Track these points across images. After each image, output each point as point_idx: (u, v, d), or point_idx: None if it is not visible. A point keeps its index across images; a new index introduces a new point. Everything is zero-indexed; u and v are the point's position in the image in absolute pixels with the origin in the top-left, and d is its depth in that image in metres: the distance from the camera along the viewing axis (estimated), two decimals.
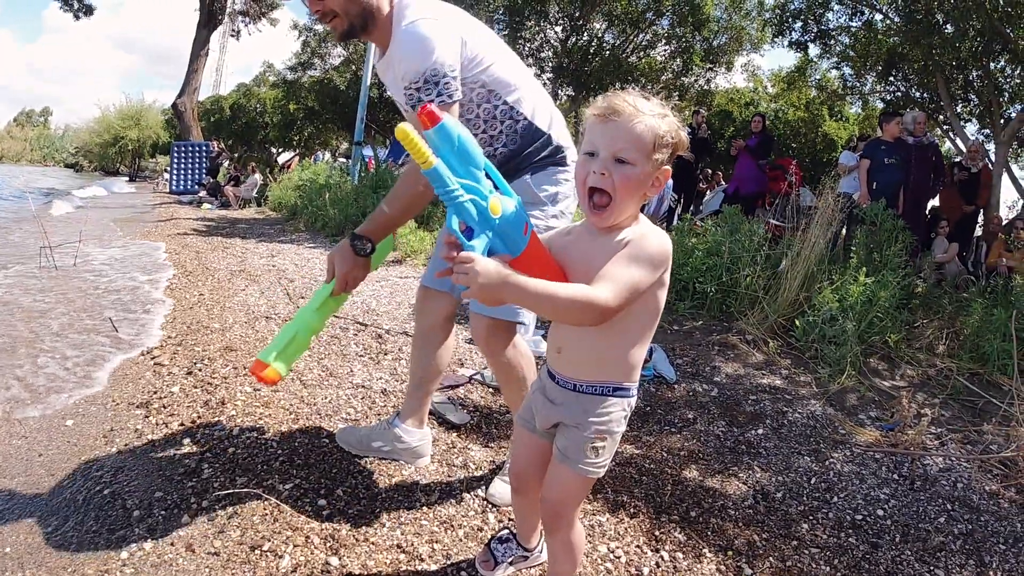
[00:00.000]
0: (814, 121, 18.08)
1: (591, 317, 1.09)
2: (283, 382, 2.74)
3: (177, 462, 2.01)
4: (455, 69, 1.63)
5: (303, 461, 2.06)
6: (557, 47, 16.40)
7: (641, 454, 2.35)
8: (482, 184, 1.05)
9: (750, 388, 3.07)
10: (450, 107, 1.64)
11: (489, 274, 1.01)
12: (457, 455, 2.18)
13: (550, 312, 1.15)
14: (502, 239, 1.08)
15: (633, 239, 1.15)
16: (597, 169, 1.13)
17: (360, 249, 1.76)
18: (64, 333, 3.35)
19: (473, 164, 1.04)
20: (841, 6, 10.53)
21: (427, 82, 1.60)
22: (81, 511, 1.73)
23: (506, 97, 1.77)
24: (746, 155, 8.12)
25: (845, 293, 3.63)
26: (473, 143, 1.03)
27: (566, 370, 1.27)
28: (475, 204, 1.03)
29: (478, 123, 1.79)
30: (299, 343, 1.67)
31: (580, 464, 1.25)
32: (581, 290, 1.09)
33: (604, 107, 1.13)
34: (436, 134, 1.00)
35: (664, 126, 1.12)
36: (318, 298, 1.75)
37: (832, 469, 2.37)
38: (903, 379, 3.40)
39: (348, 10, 1.69)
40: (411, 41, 1.62)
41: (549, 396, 1.31)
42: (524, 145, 1.81)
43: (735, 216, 4.77)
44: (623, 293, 1.09)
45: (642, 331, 1.22)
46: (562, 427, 1.29)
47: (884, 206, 4.79)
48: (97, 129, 36.85)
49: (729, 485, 2.18)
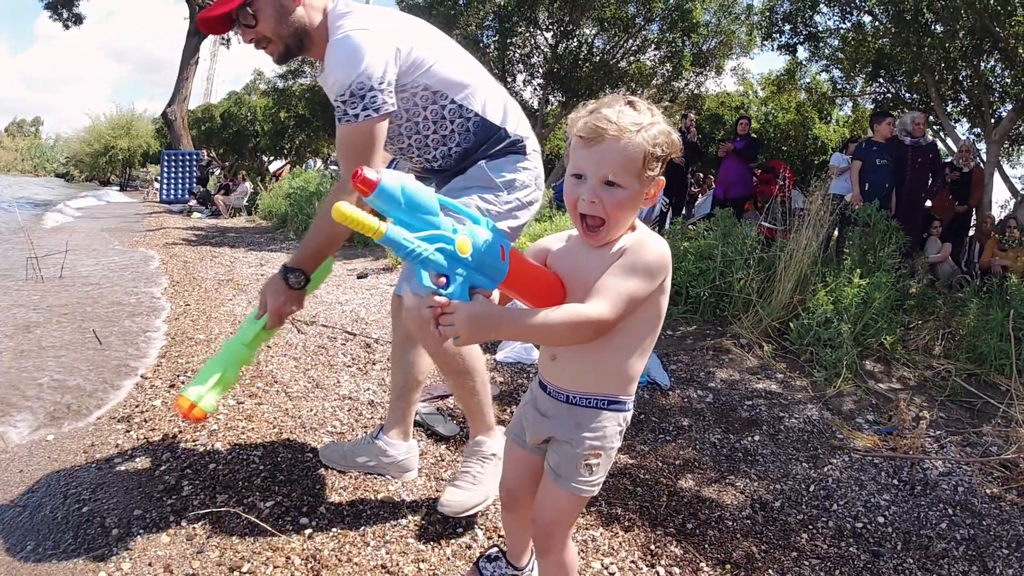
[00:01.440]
0: (804, 124, 18.15)
1: (588, 335, 1.05)
2: (267, 394, 2.69)
3: (157, 479, 1.96)
4: (384, 81, 1.58)
5: (286, 477, 1.99)
6: (547, 53, 16.40)
7: (635, 464, 2.28)
8: (444, 226, 0.98)
9: (745, 393, 3.02)
10: (379, 120, 1.60)
11: (474, 317, 0.97)
12: (446, 468, 2.12)
13: (547, 339, 1.10)
14: (481, 272, 1.02)
15: (629, 247, 1.10)
16: (587, 196, 1.07)
17: (294, 283, 1.70)
18: (47, 345, 3.27)
19: (427, 212, 0.97)
20: (830, 8, 10.55)
21: (353, 95, 1.56)
22: (60, 528, 1.69)
23: (453, 96, 1.73)
24: (733, 158, 8.03)
25: (840, 295, 3.59)
26: (421, 190, 0.96)
27: (559, 380, 1.20)
28: (442, 252, 0.97)
29: (427, 125, 1.75)
30: (227, 379, 1.64)
31: (573, 483, 1.18)
32: (574, 311, 1.04)
33: (586, 130, 1.07)
34: (378, 198, 0.93)
35: (653, 138, 1.06)
36: (248, 331, 1.69)
37: (830, 475, 2.31)
38: (900, 381, 3.35)
39: (280, 33, 1.67)
40: (338, 53, 1.59)
41: (540, 408, 1.24)
42: (479, 141, 1.77)
43: (727, 219, 4.74)
44: (619, 306, 1.05)
45: (642, 340, 1.16)
46: (554, 442, 1.22)
47: (877, 207, 4.76)
48: (87, 139, 36.72)
49: (726, 495, 2.12)
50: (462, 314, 0.96)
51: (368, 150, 1.61)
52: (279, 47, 1.70)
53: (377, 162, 1.63)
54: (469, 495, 1.75)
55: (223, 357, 1.66)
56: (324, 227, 1.70)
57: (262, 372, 2.95)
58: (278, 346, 3.38)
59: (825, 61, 11.88)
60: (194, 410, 1.56)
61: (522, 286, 1.11)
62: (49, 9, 19.34)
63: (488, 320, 0.98)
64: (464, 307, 0.97)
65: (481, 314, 0.98)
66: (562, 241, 1.22)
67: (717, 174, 8.98)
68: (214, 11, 1.66)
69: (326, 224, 1.69)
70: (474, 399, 1.84)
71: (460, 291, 0.99)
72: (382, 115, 1.60)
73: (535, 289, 1.13)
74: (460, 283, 0.99)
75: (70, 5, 19.36)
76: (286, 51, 1.72)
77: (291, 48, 1.71)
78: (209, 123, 23.59)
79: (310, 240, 1.73)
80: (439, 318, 0.98)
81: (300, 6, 1.67)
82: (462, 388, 1.82)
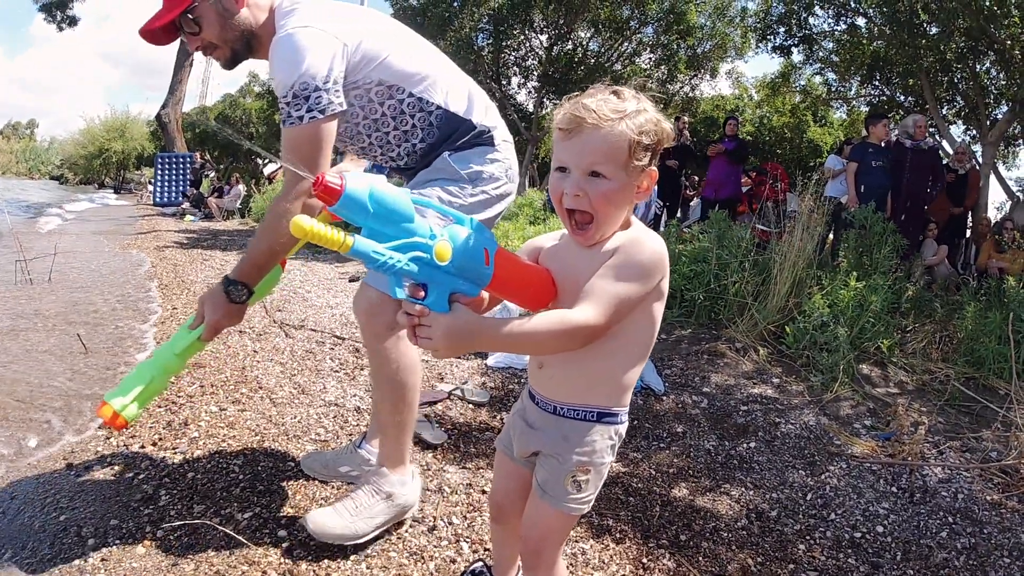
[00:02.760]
0: (799, 127, 18.18)
1: (576, 342, 0.99)
2: (251, 400, 2.62)
3: (135, 487, 1.91)
4: (330, 80, 1.50)
5: (265, 487, 1.93)
6: (542, 55, 16.38)
7: (628, 472, 2.22)
8: (421, 230, 0.91)
9: (741, 398, 2.96)
10: (325, 122, 1.51)
11: (452, 329, 0.91)
12: (431, 478, 2.05)
13: (532, 349, 1.04)
14: (462, 278, 0.96)
15: (622, 246, 1.03)
16: (570, 190, 1.01)
17: (235, 297, 1.61)
18: (31, 349, 3.20)
19: (400, 218, 0.89)
20: (824, 10, 10.55)
21: (296, 96, 1.48)
22: (38, 537, 1.65)
23: (411, 89, 1.64)
24: (723, 159, 7.85)
25: (836, 298, 3.53)
26: (392, 194, 0.88)
27: (546, 390, 1.13)
28: (417, 261, 0.90)
29: (386, 121, 1.67)
30: (155, 387, 1.59)
31: (560, 500, 1.11)
32: (560, 317, 0.97)
33: (565, 120, 1.01)
34: (344, 207, 0.85)
35: (639, 125, 0.99)
36: (181, 340, 1.62)
37: (828, 483, 2.26)
38: (897, 386, 3.30)
39: (226, 37, 1.61)
40: (280, 53, 1.52)
41: (528, 419, 1.17)
42: (443, 135, 1.69)
43: (721, 222, 4.69)
44: (609, 310, 0.98)
45: (636, 350, 1.09)
46: (541, 456, 1.14)
47: (873, 209, 4.71)
48: (82, 141, 36.63)
49: (721, 504, 2.06)
50: (439, 325, 0.91)
51: (315, 153, 1.52)
52: (226, 52, 1.64)
53: (325, 165, 1.55)
54: (342, 525, 1.60)
55: (153, 364, 1.59)
56: (266, 238, 1.59)
57: (247, 377, 2.89)
58: (264, 351, 3.31)
59: (819, 64, 11.89)
60: (117, 419, 1.52)
61: (510, 287, 1.04)
62: (44, 11, 19.28)
63: (466, 332, 0.92)
64: (441, 318, 0.91)
65: (459, 326, 0.92)
66: (555, 240, 1.16)
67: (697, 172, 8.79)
68: (156, 22, 1.59)
69: (268, 234, 1.59)
70: (395, 419, 1.67)
71: (438, 300, 0.93)
72: (328, 116, 1.52)
73: (524, 290, 1.07)
74: (438, 292, 0.93)
75: (64, 7, 19.29)
76: (234, 56, 1.65)
77: (239, 52, 1.65)
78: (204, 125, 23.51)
79: (251, 252, 1.61)
80: (415, 328, 0.92)
81: (244, 7, 1.60)
82: (386, 401, 1.67)
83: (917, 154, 6.05)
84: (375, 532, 1.65)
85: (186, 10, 1.56)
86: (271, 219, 1.58)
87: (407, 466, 1.73)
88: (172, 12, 1.57)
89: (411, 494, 1.72)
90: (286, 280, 5.48)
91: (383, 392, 1.68)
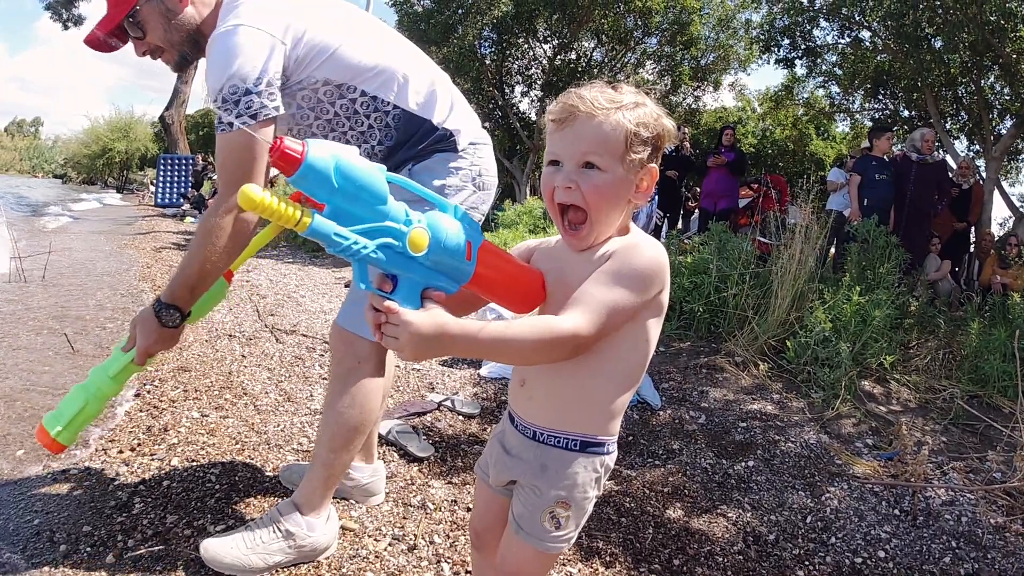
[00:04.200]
0: (802, 140, 18.14)
1: (563, 352, 0.89)
2: (235, 406, 2.55)
3: (110, 494, 1.86)
4: (262, 81, 1.37)
5: (241, 499, 1.85)
6: (545, 65, 16.39)
7: (620, 491, 2.14)
8: (395, 214, 0.81)
9: (740, 415, 2.88)
10: (259, 128, 1.39)
11: (422, 329, 0.80)
12: (415, 493, 1.97)
13: (512, 357, 0.93)
14: (439, 272, 0.86)
15: (618, 251, 0.95)
16: (561, 182, 0.93)
17: (167, 321, 1.48)
18: (19, 347, 3.14)
19: (372, 197, 0.78)
20: (829, 23, 10.52)
21: (226, 101, 1.36)
22: (11, 540, 1.62)
23: (363, 87, 1.51)
24: (722, 170, 7.69)
25: (838, 312, 3.46)
26: (363, 168, 0.76)
27: (526, 411, 1.02)
28: (386, 249, 0.80)
29: (340, 122, 1.55)
30: (90, 412, 1.51)
31: (537, 538, 1.00)
32: (544, 324, 0.88)
33: (558, 110, 0.94)
34: (304, 179, 0.73)
35: (637, 117, 0.92)
36: (115, 363, 1.54)
37: (828, 505, 2.18)
38: (900, 403, 3.22)
39: (171, 40, 1.51)
40: (211, 54, 1.41)
41: (506, 444, 1.07)
42: (403, 136, 1.55)
43: (722, 233, 4.62)
44: (599, 319, 0.89)
45: (628, 371, 0.99)
46: (518, 487, 1.04)
47: (876, 222, 4.64)
48: (86, 140, 36.61)
49: (717, 526, 1.98)
50: (407, 325, 0.79)
51: (248, 162, 1.40)
52: (173, 55, 1.54)
53: (259, 177, 1.42)
54: (234, 556, 1.48)
55: (87, 388, 1.52)
56: (197, 257, 1.44)
57: (232, 383, 2.81)
58: (253, 355, 3.24)
59: (823, 77, 11.86)
60: (54, 443, 1.46)
61: (493, 286, 0.95)
62: (50, 10, 19.32)
63: (438, 334, 0.81)
64: (411, 319, 0.80)
65: (430, 327, 0.81)
66: (550, 243, 1.07)
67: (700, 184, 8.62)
68: (99, 31, 1.50)
69: (199, 253, 1.43)
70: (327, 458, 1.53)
71: (408, 296, 0.83)
72: (261, 121, 1.39)
73: (510, 291, 0.98)
74: (409, 286, 0.83)
75: (70, 6, 19.33)
76: (182, 58, 1.55)
77: (187, 54, 1.54)
78: (208, 128, 23.49)
79: (182, 273, 1.46)
80: (381, 325, 0.81)
81: (189, 5, 1.50)
82: (326, 435, 1.54)
83: (923, 168, 5.99)
84: (269, 570, 1.53)
85: (128, 15, 1.46)
86: (201, 237, 1.43)
87: (321, 512, 1.58)
88: (115, 18, 1.47)
89: (320, 538, 1.58)
90: (280, 283, 5.41)
91: (327, 424, 1.55)
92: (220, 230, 1.40)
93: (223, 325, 3.81)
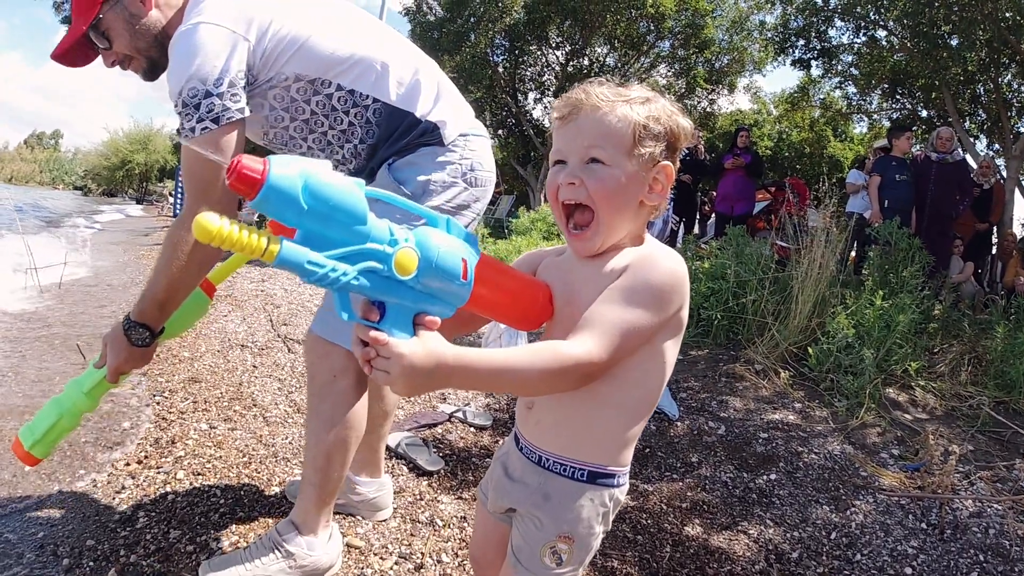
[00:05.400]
0: (819, 142, 17.94)
1: (573, 382, 0.80)
2: (244, 418, 2.52)
3: (114, 507, 1.84)
4: (223, 82, 1.28)
5: (246, 514, 1.81)
6: (558, 71, 16.38)
7: (636, 507, 2.07)
8: (377, 234, 0.71)
9: (761, 425, 2.79)
10: (223, 133, 1.29)
11: (417, 361, 0.71)
12: (424, 509, 1.92)
13: (518, 388, 0.85)
14: (431, 296, 0.76)
15: (632, 264, 0.86)
16: (565, 179, 0.87)
17: (136, 340, 1.41)
18: (30, 356, 3.15)
19: (349, 218, 0.68)
20: (844, 23, 10.39)
21: (186, 105, 1.27)
22: (15, 552, 1.60)
23: (338, 80, 1.40)
24: (739, 173, 7.51)
25: (861, 318, 3.36)
26: (336, 185, 0.66)
27: (533, 435, 0.94)
28: (370, 274, 0.70)
29: (318, 121, 1.44)
30: (64, 426, 1.49)
31: (535, 575, 0.92)
32: (552, 353, 0.78)
33: (563, 105, 0.88)
34: (267, 201, 0.63)
35: (646, 111, 0.86)
36: (89, 378, 1.50)
37: (854, 520, 2.09)
38: (925, 411, 3.12)
39: (138, 47, 1.43)
40: (171, 56, 1.33)
41: (508, 468, 0.99)
42: (384, 132, 1.44)
43: (739, 237, 4.53)
44: (613, 343, 0.80)
45: (643, 398, 0.90)
46: (518, 517, 0.96)
47: (898, 224, 4.52)
48: (105, 152, 37.28)
49: (737, 544, 1.90)
50: (400, 358, 0.70)
51: (213, 172, 1.29)
52: (142, 62, 1.45)
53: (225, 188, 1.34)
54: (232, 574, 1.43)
55: (62, 401, 1.49)
56: (163, 272, 1.35)
57: (242, 394, 2.78)
58: (264, 366, 3.21)
59: (840, 77, 11.72)
60: (29, 456, 1.45)
61: (493, 305, 0.87)
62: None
63: (434, 367, 0.72)
64: (403, 350, 0.70)
65: (425, 359, 0.71)
66: (556, 254, 0.99)
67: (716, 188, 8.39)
68: (64, 43, 1.43)
69: (165, 269, 1.35)
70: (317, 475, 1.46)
71: (398, 324, 0.73)
72: (224, 126, 1.29)
73: (511, 308, 0.90)
74: (398, 314, 0.74)
75: None
76: (151, 65, 1.46)
77: (156, 60, 1.44)
78: None
79: (149, 290, 1.38)
80: (371, 360, 0.72)
81: (154, 8, 1.42)
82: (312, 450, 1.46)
83: (943, 167, 5.84)
84: None
85: (92, 25, 1.39)
86: (167, 251, 1.35)
87: (319, 532, 1.52)
88: (79, 29, 1.40)
89: (322, 557, 1.51)
90: (295, 293, 5.40)
91: (308, 444, 1.47)
92: (186, 244, 1.32)
93: (236, 335, 3.79)
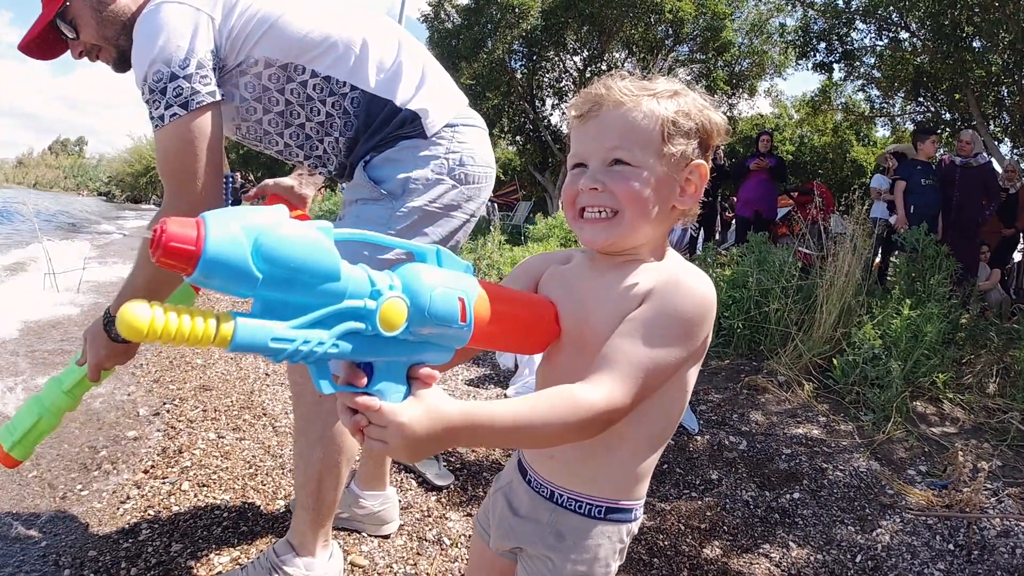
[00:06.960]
0: (841, 146, 17.68)
1: (595, 430, 0.70)
2: (253, 428, 2.49)
3: (118, 518, 1.82)
4: (190, 63, 1.18)
5: (249, 528, 1.77)
6: (576, 76, 16.31)
7: (654, 527, 1.99)
8: (354, 290, 0.58)
9: (784, 440, 2.69)
10: (194, 118, 1.19)
11: (417, 425, 0.60)
12: (431, 526, 1.86)
13: (536, 443, 0.76)
14: (427, 344, 0.65)
15: (656, 289, 0.75)
16: (586, 185, 0.77)
17: (115, 336, 1.35)
18: (41, 358, 3.16)
19: (315, 277, 0.54)
20: (866, 25, 10.21)
21: (152, 91, 1.17)
22: (19, 561, 1.59)
23: (313, 66, 1.27)
24: (763, 176, 7.24)
25: (888, 328, 3.24)
26: (298, 239, 0.52)
27: (544, 468, 0.86)
28: (351, 337, 0.58)
29: (294, 113, 1.32)
30: (44, 426, 1.46)
31: None
32: (569, 403, 0.68)
33: (581, 102, 0.79)
34: (208, 276, 0.49)
35: (675, 106, 0.77)
36: (69, 376, 1.46)
37: (880, 541, 1.99)
38: (953, 424, 2.99)
39: (106, 36, 1.35)
40: (135, 39, 1.23)
41: (513, 500, 0.90)
42: (363, 123, 1.31)
43: (761, 244, 4.42)
44: (635, 385, 0.70)
45: (663, 429, 0.83)
46: (525, 556, 0.88)
47: (925, 230, 4.39)
48: (129, 159, 37.86)
49: (759, 567, 1.81)
50: (398, 423, 0.60)
51: (188, 161, 1.20)
52: (111, 52, 1.37)
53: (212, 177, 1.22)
54: None
55: (42, 400, 1.46)
56: (143, 266, 1.29)
57: (252, 403, 2.75)
58: (277, 373, 3.18)
59: (862, 80, 11.53)
60: (8, 458, 1.42)
61: (496, 340, 0.75)
62: None
63: (437, 429, 0.62)
64: (401, 419, 0.60)
65: (426, 427, 0.61)
66: (561, 261, 0.88)
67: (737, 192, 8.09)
68: (30, 34, 1.38)
69: (145, 263, 1.27)
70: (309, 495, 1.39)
71: (390, 382, 0.62)
72: (195, 111, 1.18)
73: (515, 338, 0.79)
74: (388, 372, 0.62)
75: None
76: (120, 55, 1.36)
77: (126, 49, 1.32)
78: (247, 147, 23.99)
79: (127, 285, 1.32)
80: (364, 429, 0.61)
81: None
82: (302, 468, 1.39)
83: (967, 171, 5.68)
84: None
85: (57, 14, 1.33)
86: (145, 248, 1.27)
87: (317, 553, 1.45)
88: (45, 19, 1.34)
89: None
90: None
91: (296, 467, 1.40)
92: None
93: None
